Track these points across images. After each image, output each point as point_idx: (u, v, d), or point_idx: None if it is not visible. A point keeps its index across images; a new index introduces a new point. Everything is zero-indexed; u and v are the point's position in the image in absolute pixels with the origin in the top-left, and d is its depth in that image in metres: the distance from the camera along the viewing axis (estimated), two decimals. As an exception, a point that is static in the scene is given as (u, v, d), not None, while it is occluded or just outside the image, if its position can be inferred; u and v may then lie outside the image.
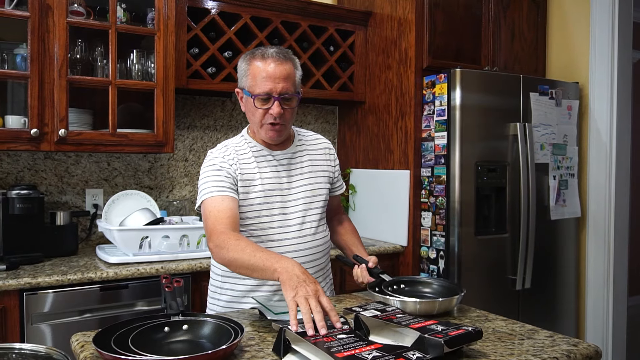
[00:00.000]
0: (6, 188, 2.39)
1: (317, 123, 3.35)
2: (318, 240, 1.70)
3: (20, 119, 2.27)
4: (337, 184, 1.83)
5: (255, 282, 1.61)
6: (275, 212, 1.62)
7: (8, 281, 1.93)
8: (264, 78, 1.54)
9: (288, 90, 1.56)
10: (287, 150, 1.69)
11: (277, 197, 1.63)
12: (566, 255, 3.04)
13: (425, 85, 2.77)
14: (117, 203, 2.49)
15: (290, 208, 1.65)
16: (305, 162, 1.72)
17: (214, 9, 2.68)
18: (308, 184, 1.69)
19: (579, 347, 1.26)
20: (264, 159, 1.65)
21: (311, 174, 1.71)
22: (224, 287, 1.67)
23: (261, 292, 1.63)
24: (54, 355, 1.08)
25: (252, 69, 1.57)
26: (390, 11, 2.93)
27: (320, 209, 1.71)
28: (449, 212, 2.64)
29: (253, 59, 1.58)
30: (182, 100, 2.91)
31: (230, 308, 1.65)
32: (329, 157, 1.79)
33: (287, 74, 1.56)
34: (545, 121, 2.89)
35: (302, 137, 1.77)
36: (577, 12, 3.13)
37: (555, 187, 2.94)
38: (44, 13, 2.23)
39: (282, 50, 1.60)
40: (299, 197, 1.66)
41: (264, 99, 1.55)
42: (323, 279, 1.75)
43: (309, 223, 1.67)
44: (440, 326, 1.20)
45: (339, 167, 1.84)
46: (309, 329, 1.16)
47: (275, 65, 1.54)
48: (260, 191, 1.61)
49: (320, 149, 1.78)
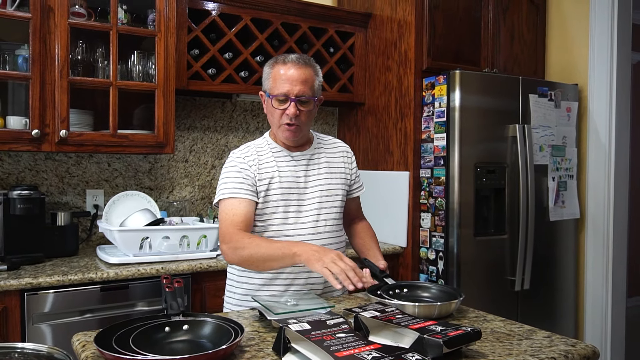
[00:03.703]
0: (7, 188, 2.39)
1: (317, 124, 3.36)
2: (332, 238, 1.76)
3: (22, 119, 2.28)
4: (355, 185, 1.90)
5: (270, 275, 1.69)
6: (291, 209, 1.71)
7: (9, 281, 1.94)
8: (283, 80, 1.65)
9: (305, 93, 1.65)
10: (306, 152, 1.78)
11: (294, 195, 1.71)
12: (565, 256, 3.05)
13: (425, 87, 2.78)
14: (118, 204, 2.49)
15: (305, 206, 1.73)
16: (323, 163, 1.80)
17: (214, 10, 2.69)
18: (324, 184, 1.77)
19: (576, 348, 1.27)
20: (283, 159, 1.74)
21: (328, 174, 1.79)
22: (241, 280, 1.75)
23: (274, 286, 1.69)
24: (56, 354, 1.08)
25: (274, 72, 1.68)
26: (390, 13, 2.94)
27: (336, 208, 1.78)
28: (448, 213, 2.65)
29: (276, 64, 1.69)
30: (182, 102, 2.91)
31: (244, 301, 1.72)
32: (346, 160, 1.87)
33: (305, 78, 1.66)
34: (544, 123, 2.90)
35: (321, 140, 1.86)
36: (577, 14, 3.14)
37: (554, 188, 2.95)
38: (46, 14, 2.24)
39: (304, 56, 1.72)
40: (315, 195, 1.74)
41: (281, 100, 1.65)
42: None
43: (324, 221, 1.74)
44: (439, 327, 1.20)
45: (357, 170, 1.91)
46: (349, 285, 1.39)
47: (295, 69, 1.65)
48: (278, 188, 1.69)
49: (338, 152, 1.87)
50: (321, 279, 1.71)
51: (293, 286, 1.69)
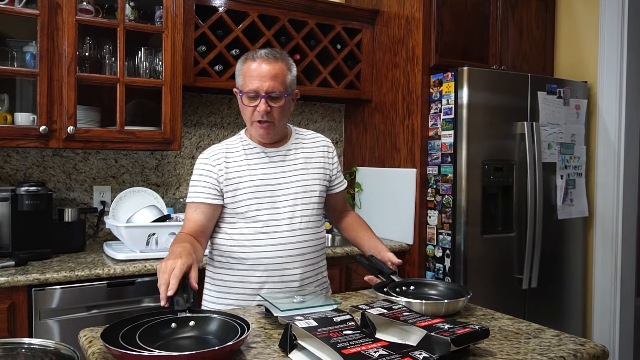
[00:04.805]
0: (15, 185, 2.40)
1: (324, 121, 3.35)
2: (310, 235, 1.72)
3: (29, 116, 2.29)
4: (336, 181, 1.85)
5: (243, 273, 1.67)
6: (264, 207, 1.67)
7: (17, 277, 1.95)
8: (253, 77, 1.61)
9: (275, 89, 1.61)
10: (281, 148, 1.74)
11: (266, 193, 1.67)
12: (573, 254, 3.03)
13: (433, 84, 2.76)
14: (125, 200, 2.50)
15: (280, 202, 1.68)
16: (300, 159, 1.75)
17: (221, 7, 2.69)
18: (300, 180, 1.72)
19: (585, 347, 1.26)
20: (255, 156, 1.71)
21: (304, 170, 1.74)
22: (215, 277, 1.74)
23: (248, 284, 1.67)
24: (62, 350, 1.08)
25: (244, 69, 1.64)
26: (397, 9, 2.93)
27: (313, 205, 1.73)
28: (455, 210, 2.63)
29: (246, 60, 1.65)
30: (189, 98, 2.91)
31: (220, 299, 1.71)
32: (326, 155, 1.82)
33: (275, 74, 1.61)
34: (553, 120, 2.88)
35: (300, 135, 1.81)
36: (586, 10, 3.11)
37: (563, 186, 2.93)
38: (53, 11, 2.24)
39: (275, 50, 1.66)
40: (290, 192, 1.70)
41: (252, 96, 1.62)
42: (314, 274, 1.74)
43: (299, 218, 1.69)
44: (446, 324, 1.19)
45: (339, 165, 1.87)
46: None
47: (265, 64, 1.61)
48: (249, 187, 1.66)
49: (317, 146, 1.81)
50: (296, 277, 1.67)
51: (267, 284, 1.66)
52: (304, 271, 1.69)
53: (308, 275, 1.72)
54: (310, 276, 1.73)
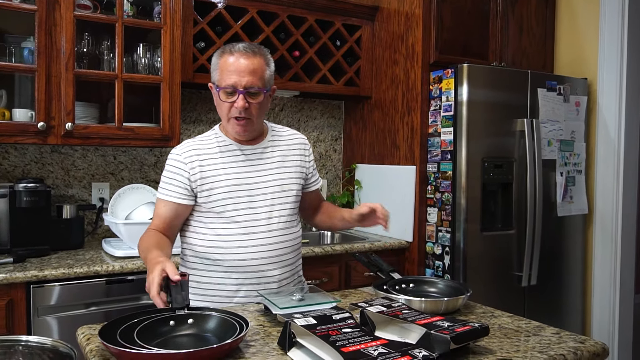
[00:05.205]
0: (13, 181, 2.40)
1: (323, 118, 3.34)
2: (287, 235, 1.68)
3: (28, 112, 2.28)
4: (312, 179, 1.82)
5: (220, 275, 1.63)
6: (241, 207, 1.62)
7: (15, 274, 1.94)
8: (230, 71, 1.56)
9: (254, 84, 1.56)
10: (258, 145, 1.70)
11: (243, 192, 1.63)
12: (573, 252, 3.03)
13: (432, 81, 2.75)
14: (123, 197, 2.49)
15: (258, 202, 1.64)
16: (276, 157, 1.71)
17: (220, 3, 2.68)
18: (277, 179, 1.68)
19: (586, 345, 1.25)
20: (231, 154, 1.66)
21: (280, 169, 1.70)
22: (191, 279, 1.66)
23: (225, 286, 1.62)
24: (60, 347, 1.08)
25: (221, 63, 1.59)
26: (397, 6, 2.92)
27: (290, 204, 1.70)
28: (455, 208, 2.63)
29: (223, 53, 1.60)
30: (188, 94, 2.90)
31: (196, 300, 1.63)
32: (303, 153, 1.78)
33: (254, 69, 1.56)
34: (552, 117, 2.87)
35: (277, 132, 1.77)
36: (587, 7, 3.11)
37: (562, 183, 2.93)
38: (51, 6, 2.23)
39: (253, 45, 1.62)
40: (267, 192, 1.66)
41: (229, 92, 1.57)
42: (291, 275, 1.72)
43: (277, 218, 1.66)
44: (446, 322, 1.19)
45: (314, 163, 1.84)
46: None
47: (243, 59, 1.56)
48: (225, 187, 1.62)
49: (294, 144, 1.78)
50: (275, 278, 1.64)
51: (245, 286, 1.62)
52: (282, 272, 1.67)
53: (286, 276, 1.69)
54: (287, 277, 1.70)
